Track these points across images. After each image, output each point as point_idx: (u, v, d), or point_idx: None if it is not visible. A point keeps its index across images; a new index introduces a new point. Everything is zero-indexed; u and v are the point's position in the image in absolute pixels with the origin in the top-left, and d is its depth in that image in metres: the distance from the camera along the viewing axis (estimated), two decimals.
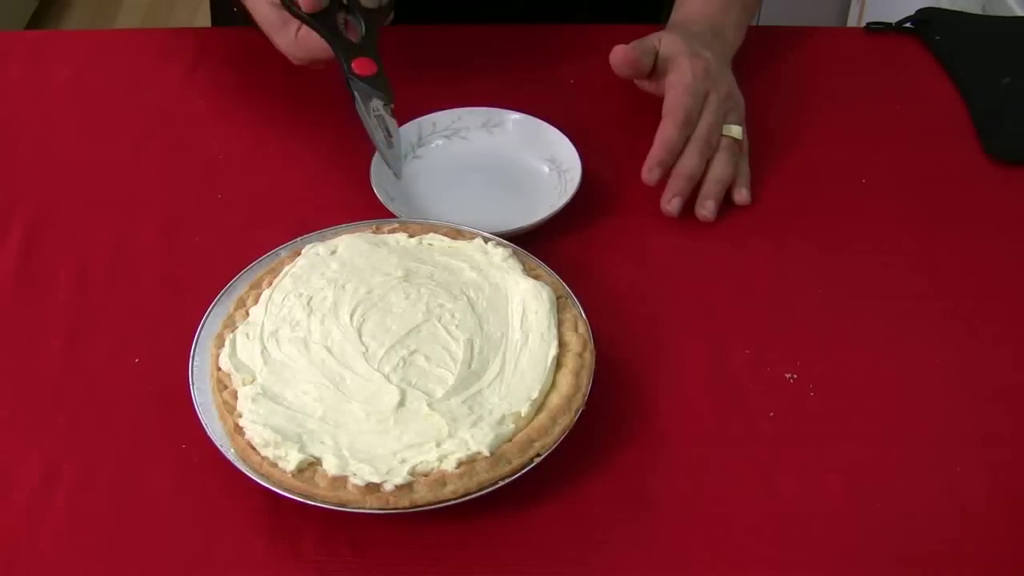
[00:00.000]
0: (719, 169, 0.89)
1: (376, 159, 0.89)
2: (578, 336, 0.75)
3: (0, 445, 0.73)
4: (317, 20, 0.85)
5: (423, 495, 0.66)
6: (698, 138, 0.88)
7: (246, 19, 0.92)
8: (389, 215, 0.85)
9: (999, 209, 0.91)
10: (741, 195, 0.90)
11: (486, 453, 0.67)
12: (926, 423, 0.75)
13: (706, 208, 0.88)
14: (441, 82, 1.02)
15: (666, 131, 0.88)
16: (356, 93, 0.85)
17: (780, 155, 0.95)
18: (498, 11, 1.09)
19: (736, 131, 0.91)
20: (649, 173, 0.87)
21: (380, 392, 0.70)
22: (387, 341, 0.73)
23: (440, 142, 0.95)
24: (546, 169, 0.92)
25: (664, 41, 0.93)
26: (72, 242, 0.87)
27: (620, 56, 0.91)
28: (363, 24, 0.86)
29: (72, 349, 0.79)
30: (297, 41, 0.88)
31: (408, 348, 0.73)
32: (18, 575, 0.66)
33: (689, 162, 0.88)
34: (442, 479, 0.66)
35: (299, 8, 0.84)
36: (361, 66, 0.85)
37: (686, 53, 0.91)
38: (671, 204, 0.87)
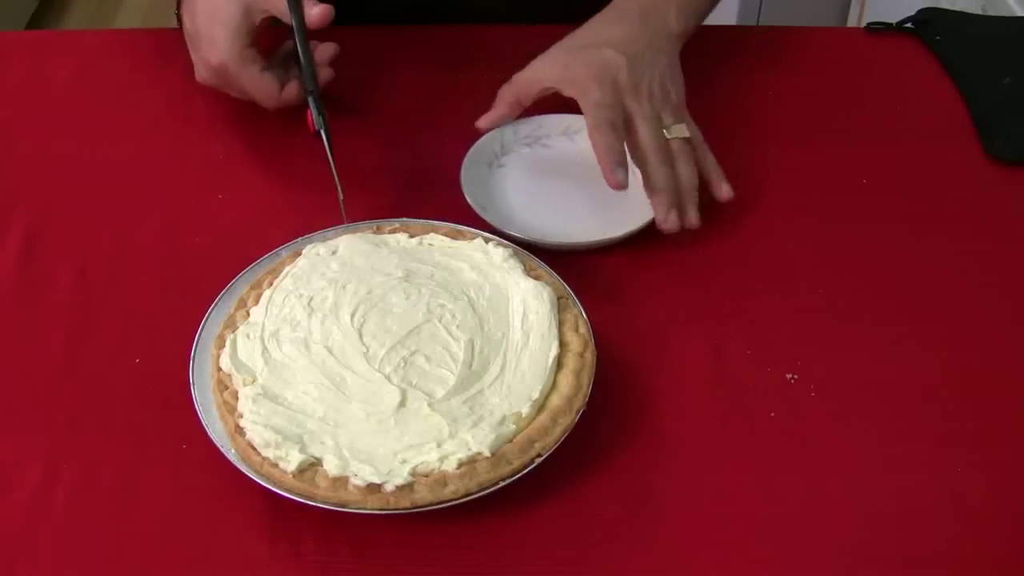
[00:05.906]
0: (684, 176, 0.85)
1: (465, 165, 0.89)
2: (579, 336, 0.75)
3: (0, 445, 0.73)
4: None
5: (424, 495, 0.66)
6: (646, 148, 0.84)
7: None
8: (383, 215, 0.85)
9: (999, 209, 0.91)
10: (722, 192, 0.86)
11: (487, 453, 0.67)
12: (926, 423, 0.75)
13: (690, 219, 0.85)
14: (441, 82, 1.02)
15: (602, 143, 0.83)
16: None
17: (780, 155, 0.95)
18: (504, 11, 1.09)
19: (680, 130, 0.86)
20: (614, 175, 0.83)
21: (381, 392, 0.70)
22: (388, 341, 0.73)
23: (524, 150, 0.94)
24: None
25: (546, 68, 0.89)
26: (72, 242, 0.87)
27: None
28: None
29: (72, 349, 0.79)
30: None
31: (409, 348, 0.73)
32: (18, 575, 0.66)
33: (658, 175, 0.84)
34: (443, 479, 0.66)
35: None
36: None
37: (581, 67, 0.86)
38: (668, 221, 0.84)
